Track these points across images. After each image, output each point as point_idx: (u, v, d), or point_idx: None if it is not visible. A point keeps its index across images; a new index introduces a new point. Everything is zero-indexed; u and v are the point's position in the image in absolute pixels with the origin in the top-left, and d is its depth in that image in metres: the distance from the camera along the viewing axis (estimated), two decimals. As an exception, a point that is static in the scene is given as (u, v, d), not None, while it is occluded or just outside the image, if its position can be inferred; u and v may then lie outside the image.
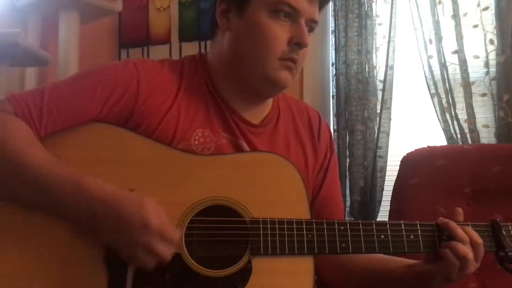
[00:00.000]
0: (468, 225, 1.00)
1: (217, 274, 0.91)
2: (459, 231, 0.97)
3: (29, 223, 0.90)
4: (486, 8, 2.05)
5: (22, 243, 0.89)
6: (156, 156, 0.96)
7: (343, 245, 0.95)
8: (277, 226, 0.93)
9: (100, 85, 0.98)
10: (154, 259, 0.86)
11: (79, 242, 0.90)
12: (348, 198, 2.21)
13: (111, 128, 0.98)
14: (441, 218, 1.00)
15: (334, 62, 2.30)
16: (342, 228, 0.96)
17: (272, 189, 0.97)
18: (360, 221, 0.98)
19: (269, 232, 0.93)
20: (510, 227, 1.02)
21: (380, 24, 2.23)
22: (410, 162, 1.80)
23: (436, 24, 2.12)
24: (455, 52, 2.08)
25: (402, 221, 0.99)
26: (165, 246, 0.86)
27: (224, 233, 0.93)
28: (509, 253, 0.98)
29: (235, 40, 1.06)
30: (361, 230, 0.97)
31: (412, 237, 0.98)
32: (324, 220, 0.96)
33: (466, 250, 0.95)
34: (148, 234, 0.84)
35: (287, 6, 1.00)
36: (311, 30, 1.06)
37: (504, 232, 1.00)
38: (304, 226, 0.94)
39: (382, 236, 0.97)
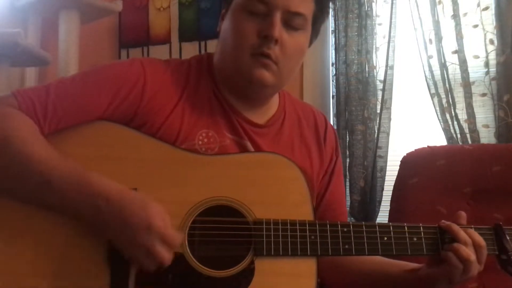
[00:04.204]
0: (471, 228, 1.00)
1: (219, 274, 0.91)
2: (462, 233, 0.97)
3: (31, 223, 0.90)
4: (486, 8, 2.06)
5: (23, 242, 0.90)
6: (160, 155, 0.96)
7: (346, 246, 0.95)
8: (280, 227, 0.94)
9: (106, 83, 0.98)
10: (153, 261, 0.86)
11: (81, 242, 0.90)
12: (348, 198, 2.21)
13: (115, 126, 0.98)
14: (443, 221, 1.00)
15: (334, 62, 2.30)
16: (345, 229, 0.96)
17: (276, 190, 0.97)
18: (363, 222, 0.98)
19: (272, 233, 0.93)
20: None
21: (380, 24, 2.23)
22: (410, 162, 1.80)
23: (436, 24, 2.12)
24: (455, 52, 2.08)
25: (405, 224, 0.99)
26: (164, 248, 0.86)
27: (227, 234, 0.93)
28: None
29: (219, 42, 1.08)
30: (364, 232, 0.96)
31: (415, 239, 0.98)
32: (327, 222, 0.96)
33: (468, 252, 0.95)
34: (149, 235, 0.84)
35: (258, 2, 0.99)
36: (298, 26, 1.02)
37: (507, 237, 1.00)
38: (307, 227, 0.94)
39: (385, 238, 0.97)
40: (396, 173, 1.82)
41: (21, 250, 0.89)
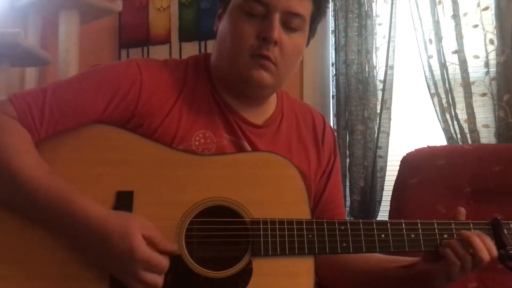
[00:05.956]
0: (469, 223, 1.00)
1: (217, 275, 0.91)
2: (481, 247, 0.95)
3: (29, 226, 0.90)
4: (486, 8, 2.06)
5: (22, 246, 0.90)
6: (157, 157, 0.96)
7: (344, 244, 0.95)
8: (277, 226, 0.93)
9: (103, 85, 0.98)
10: (146, 286, 0.86)
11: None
12: (348, 198, 2.21)
13: (112, 129, 0.98)
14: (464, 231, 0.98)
15: (334, 62, 2.30)
16: (342, 227, 0.96)
17: (273, 190, 0.97)
18: (360, 220, 0.97)
19: (269, 232, 0.93)
20: (511, 225, 1.01)
21: (380, 24, 2.23)
22: (410, 162, 1.80)
23: (436, 24, 2.12)
24: (455, 52, 2.08)
25: (402, 220, 0.98)
26: (152, 275, 0.85)
27: (224, 234, 0.93)
28: (510, 251, 0.97)
29: (216, 42, 1.07)
30: (362, 230, 0.96)
31: (412, 236, 0.98)
32: (324, 220, 0.96)
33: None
34: (133, 264, 0.84)
35: (257, 3, 0.98)
36: (297, 27, 1.02)
37: (505, 231, 1.00)
38: (304, 226, 0.94)
39: (383, 235, 0.97)
40: (396, 173, 1.82)
41: (21, 257, 0.89)
